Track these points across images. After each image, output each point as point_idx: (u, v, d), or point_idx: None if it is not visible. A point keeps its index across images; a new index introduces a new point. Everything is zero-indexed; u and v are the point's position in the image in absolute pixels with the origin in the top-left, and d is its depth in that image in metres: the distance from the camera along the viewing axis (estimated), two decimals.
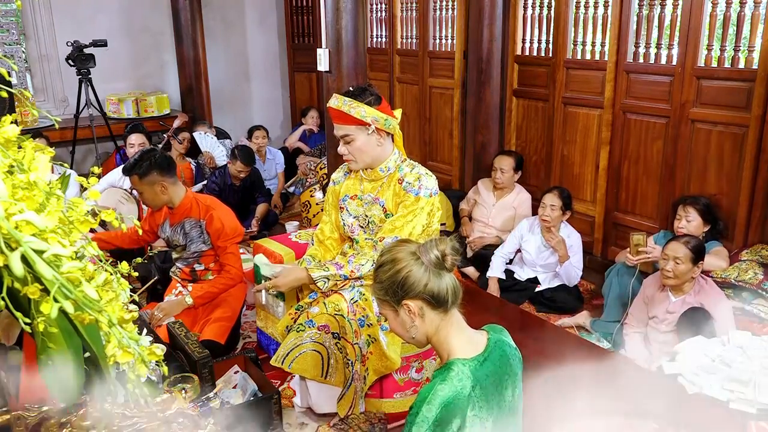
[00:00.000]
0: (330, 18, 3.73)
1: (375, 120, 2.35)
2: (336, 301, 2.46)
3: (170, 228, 3.10)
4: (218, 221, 3.00)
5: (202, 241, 3.05)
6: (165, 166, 2.97)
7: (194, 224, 3.05)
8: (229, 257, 3.06)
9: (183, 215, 3.05)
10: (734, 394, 2.32)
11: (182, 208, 3.05)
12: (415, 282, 1.45)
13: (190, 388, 1.78)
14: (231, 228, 3.04)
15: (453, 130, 5.06)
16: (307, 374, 2.40)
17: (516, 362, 1.56)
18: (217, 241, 3.03)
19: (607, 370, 2.81)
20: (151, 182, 2.93)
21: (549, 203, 3.63)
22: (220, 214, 3.04)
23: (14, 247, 0.75)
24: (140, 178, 2.93)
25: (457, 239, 4.55)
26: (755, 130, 3.23)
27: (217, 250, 3.05)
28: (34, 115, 4.75)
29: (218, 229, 3.00)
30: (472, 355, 1.46)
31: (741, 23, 3.26)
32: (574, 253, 3.69)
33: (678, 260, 2.83)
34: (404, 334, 1.54)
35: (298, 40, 6.77)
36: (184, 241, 3.08)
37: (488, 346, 1.50)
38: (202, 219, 3.04)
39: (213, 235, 3.02)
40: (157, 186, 2.95)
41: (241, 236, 3.16)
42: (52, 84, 5.73)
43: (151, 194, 2.97)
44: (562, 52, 4.16)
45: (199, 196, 3.15)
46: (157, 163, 2.94)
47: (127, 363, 0.91)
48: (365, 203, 2.52)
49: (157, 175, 2.93)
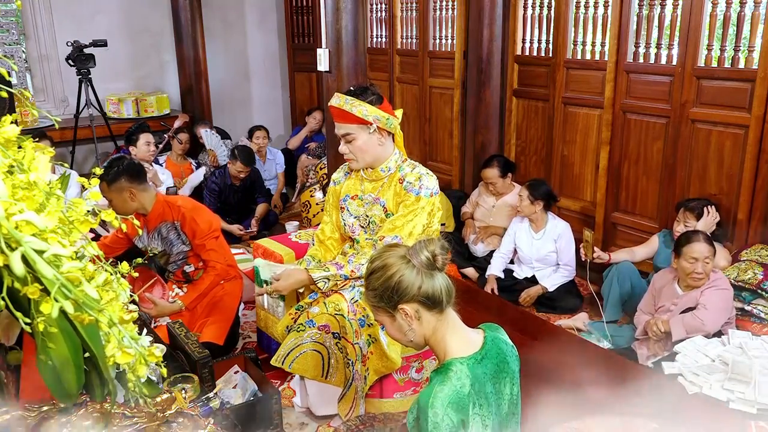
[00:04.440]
0: (330, 18, 3.72)
1: (377, 119, 2.36)
2: (336, 301, 2.46)
3: (147, 236, 3.09)
4: (191, 220, 2.99)
5: (181, 242, 3.04)
6: (134, 173, 2.93)
7: (170, 227, 3.04)
8: (210, 254, 3.04)
9: (157, 220, 3.03)
10: (734, 394, 2.32)
11: (155, 214, 3.02)
12: (408, 285, 1.45)
13: (190, 388, 1.78)
14: (205, 224, 3.02)
15: (453, 130, 5.06)
16: (307, 374, 2.40)
17: (513, 360, 1.56)
18: (195, 240, 3.01)
19: (607, 370, 2.81)
20: (119, 189, 2.89)
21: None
22: (193, 213, 3.02)
23: (14, 247, 0.75)
24: (108, 185, 2.88)
25: (457, 240, 4.55)
26: (755, 130, 3.22)
27: (197, 249, 3.04)
28: (34, 115, 4.75)
29: (193, 228, 2.99)
30: (469, 354, 1.47)
31: (741, 23, 3.26)
32: (566, 243, 3.74)
33: (707, 260, 2.82)
34: (402, 338, 1.54)
35: (298, 40, 6.77)
36: (162, 246, 3.07)
37: (485, 344, 1.50)
38: (176, 220, 3.02)
39: (189, 235, 3.01)
40: (125, 193, 2.91)
41: (218, 231, 3.13)
42: (52, 84, 5.73)
43: (120, 201, 2.91)
44: (562, 52, 4.15)
45: (169, 198, 3.12)
46: (126, 170, 2.90)
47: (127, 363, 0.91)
48: (366, 203, 2.52)
49: (125, 182, 2.89)
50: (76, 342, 0.87)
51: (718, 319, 2.78)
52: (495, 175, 4.15)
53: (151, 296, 2.96)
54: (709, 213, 3.21)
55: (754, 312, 2.95)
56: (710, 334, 2.73)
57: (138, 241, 3.14)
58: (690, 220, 3.22)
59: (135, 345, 0.91)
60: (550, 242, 3.78)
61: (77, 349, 0.88)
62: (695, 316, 2.76)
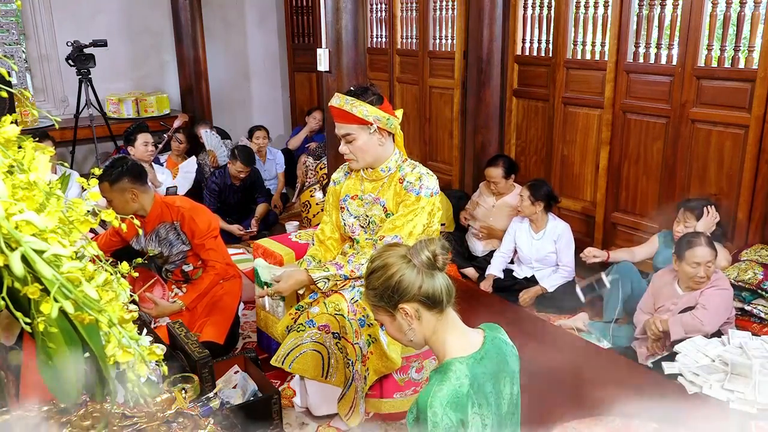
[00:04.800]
0: (330, 18, 3.72)
1: (377, 119, 2.35)
2: (336, 301, 2.46)
3: (144, 238, 3.08)
4: (190, 220, 2.99)
5: (181, 242, 3.04)
6: (137, 174, 2.93)
7: (169, 227, 3.04)
8: (209, 253, 3.04)
9: (155, 221, 3.03)
10: (734, 394, 2.32)
11: (153, 214, 3.02)
12: (409, 285, 1.45)
13: (190, 388, 1.78)
14: (205, 224, 3.02)
15: (453, 130, 5.06)
16: (307, 374, 2.40)
17: (513, 359, 1.56)
18: (194, 240, 3.01)
19: (607, 370, 2.81)
20: (121, 189, 2.89)
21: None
22: (192, 212, 3.02)
23: (14, 247, 0.75)
24: (111, 185, 2.87)
25: (457, 240, 4.55)
26: (755, 130, 3.22)
27: (196, 248, 3.04)
28: (34, 115, 4.75)
29: (192, 227, 2.99)
30: (469, 354, 1.47)
31: (741, 23, 3.26)
32: (565, 244, 3.74)
33: (709, 263, 2.80)
34: (402, 338, 1.54)
35: (298, 40, 6.77)
36: (160, 248, 3.07)
37: (484, 344, 1.50)
38: (175, 221, 3.02)
39: (188, 234, 3.01)
40: (128, 193, 2.90)
41: (217, 230, 3.13)
42: (52, 84, 5.72)
43: (122, 202, 2.90)
44: (562, 52, 4.15)
45: (167, 199, 3.12)
46: (129, 171, 2.90)
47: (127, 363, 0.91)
48: (366, 203, 2.52)
49: (128, 183, 2.89)
50: (76, 342, 0.87)
51: (717, 319, 2.78)
52: (499, 174, 4.15)
53: (152, 296, 2.96)
54: (709, 213, 3.21)
55: (754, 312, 2.95)
56: (709, 334, 2.73)
57: (135, 243, 3.14)
58: (690, 221, 3.21)
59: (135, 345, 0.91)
60: (550, 243, 3.78)
61: (77, 349, 0.88)
62: (694, 316, 2.76)
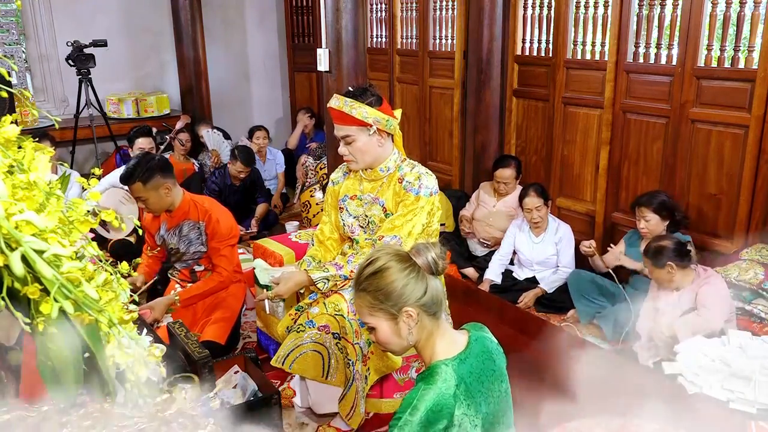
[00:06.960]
0: (330, 18, 3.72)
1: (376, 121, 2.35)
2: (336, 302, 2.46)
3: (166, 232, 3.08)
4: (216, 222, 2.99)
5: (201, 242, 3.04)
6: (166, 168, 2.94)
7: (193, 226, 3.03)
8: (221, 259, 3.04)
9: (181, 217, 3.03)
10: (734, 394, 2.32)
11: (180, 211, 3.03)
12: (415, 288, 1.46)
13: (190, 388, 1.78)
14: (227, 229, 3.03)
15: (453, 130, 5.06)
16: (307, 374, 2.40)
17: (499, 357, 1.58)
18: (212, 242, 3.01)
19: (607, 370, 2.81)
20: (156, 186, 2.88)
21: (534, 206, 3.72)
22: (219, 215, 3.03)
23: (14, 247, 0.75)
24: (144, 184, 2.85)
25: (457, 240, 4.54)
26: (755, 130, 3.22)
27: (211, 251, 3.04)
28: (34, 115, 4.75)
29: (215, 229, 2.99)
30: (454, 355, 1.48)
31: (741, 23, 3.26)
32: (566, 245, 3.73)
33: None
34: (395, 343, 1.52)
35: (298, 40, 6.77)
36: (179, 244, 3.06)
37: (469, 344, 1.52)
38: (201, 221, 3.02)
39: (210, 235, 3.01)
40: (162, 189, 2.90)
41: (236, 239, 3.14)
42: (52, 84, 5.73)
43: (157, 198, 2.90)
44: (562, 52, 4.15)
45: (196, 198, 3.12)
46: (159, 166, 2.90)
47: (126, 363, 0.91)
48: (365, 203, 2.52)
49: (160, 178, 2.89)
50: (76, 342, 0.87)
51: (721, 313, 2.80)
52: (511, 175, 4.14)
53: (147, 305, 2.95)
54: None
55: (754, 312, 2.95)
56: (717, 330, 2.74)
57: (157, 238, 3.14)
58: (647, 214, 3.31)
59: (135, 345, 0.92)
60: (551, 245, 3.77)
61: (77, 349, 0.88)
62: (698, 315, 2.77)
